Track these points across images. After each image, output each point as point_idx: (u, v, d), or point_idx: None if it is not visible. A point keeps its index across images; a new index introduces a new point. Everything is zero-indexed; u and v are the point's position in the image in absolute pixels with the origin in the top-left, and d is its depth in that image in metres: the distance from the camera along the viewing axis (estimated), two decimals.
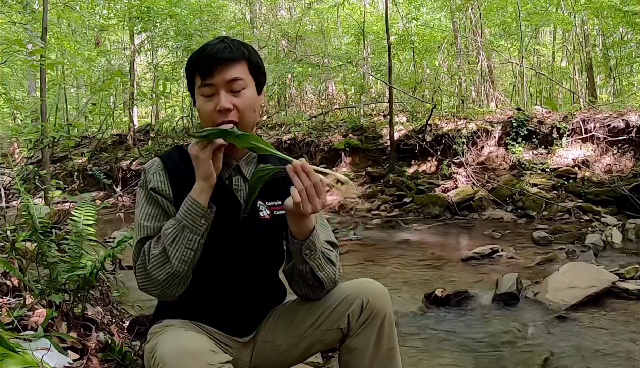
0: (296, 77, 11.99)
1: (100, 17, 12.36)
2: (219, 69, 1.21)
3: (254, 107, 1.26)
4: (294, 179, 1.11)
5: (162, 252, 1.18)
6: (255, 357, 1.36)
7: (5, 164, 6.20)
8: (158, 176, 1.28)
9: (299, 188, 1.10)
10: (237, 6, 14.60)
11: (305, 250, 1.23)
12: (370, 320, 1.27)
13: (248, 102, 1.24)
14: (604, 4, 10.31)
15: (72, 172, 10.81)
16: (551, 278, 3.27)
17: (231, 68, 1.22)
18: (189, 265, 1.20)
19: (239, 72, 1.23)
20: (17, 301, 1.90)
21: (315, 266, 1.25)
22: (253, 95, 1.26)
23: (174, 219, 1.20)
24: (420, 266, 4.30)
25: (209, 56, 1.22)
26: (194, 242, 1.18)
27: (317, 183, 1.11)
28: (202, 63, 1.22)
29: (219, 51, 1.22)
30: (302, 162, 1.11)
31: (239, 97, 1.23)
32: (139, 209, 1.28)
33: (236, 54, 1.23)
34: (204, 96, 1.24)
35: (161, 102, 13.44)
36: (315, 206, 1.12)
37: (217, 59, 1.21)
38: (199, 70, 1.23)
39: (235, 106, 1.22)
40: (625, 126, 7.40)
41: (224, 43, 1.24)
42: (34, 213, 1.89)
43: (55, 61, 4.46)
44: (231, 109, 1.22)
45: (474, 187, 7.44)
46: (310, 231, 1.22)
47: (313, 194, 1.11)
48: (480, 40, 11.40)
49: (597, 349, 2.39)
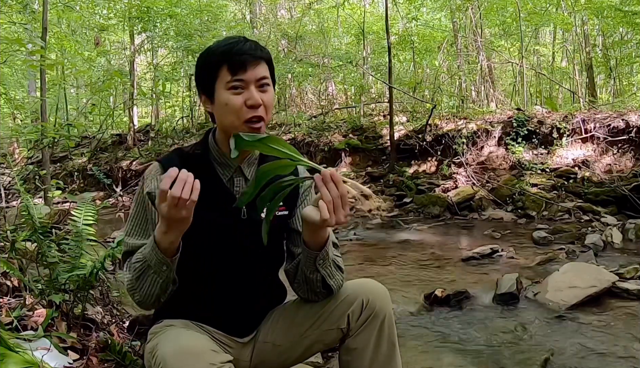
0: (296, 77, 11.98)
1: (100, 17, 12.35)
2: (252, 66, 1.23)
3: (273, 105, 1.30)
4: (322, 189, 1.07)
5: (132, 280, 1.21)
6: (256, 357, 1.36)
7: (5, 164, 6.20)
8: (155, 181, 1.28)
9: (327, 199, 1.07)
10: (237, 6, 14.59)
11: (319, 260, 1.22)
12: (370, 320, 1.27)
13: (272, 100, 1.28)
14: (604, 4, 10.31)
15: (72, 172, 10.80)
16: (551, 278, 3.27)
17: (260, 66, 1.25)
18: (155, 297, 1.21)
19: (265, 71, 1.26)
20: (17, 301, 1.90)
21: (326, 274, 1.25)
22: (274, 94, 1.30)
23: (141, 254, 1.19)
24: (420, 266, 4.30)
25: (241, 52, 1.23)
26: (158, 283, 1.18)
27: (345, 193, 1.08)
28: (236, 59, 1.22)
29: (251, 48, 1.24)
30: (332, 170, 1.08)
31: (265, 94, 1.25)
32: (129, 220, 1.30)
33: (264, 54, 1.26)
34: (233, 89, 1.23)
35: (161, 102, 13.44)
36: (340, 218, 1.09)
37: (251, 56, 1.23)
38: (231, 65, 1.23)
39: (263, 102, 1.24)
40: (625, 126, 7.39)
41: (249, 42, 1.26)
42: (34, 213, 1.89)
43: (55, 61, 4.46)
44: (262, 104, 1.24)
45: (474, 187, 7.43)
46: (325, 241, 1.21)
47: (339, 205, 1.08)
48: (480, 41, 11.40)
49: (597, 349, 2.39)
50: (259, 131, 1.24)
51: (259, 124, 1.24)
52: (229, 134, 1.25)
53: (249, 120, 1.22)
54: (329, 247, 1.22)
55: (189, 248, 1.28)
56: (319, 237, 1.19)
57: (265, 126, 1.26)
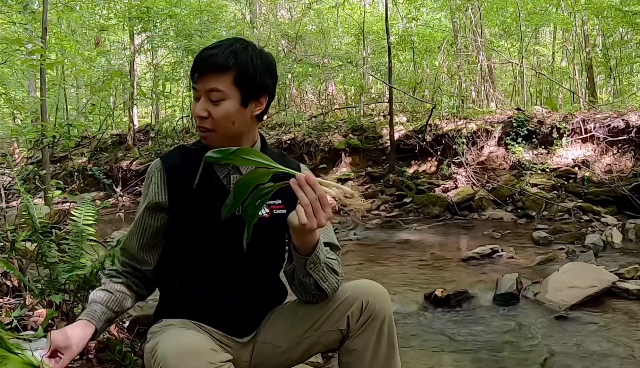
0: (296, 77, 11.98)
1: (100, 17, 12.35)
2: (203, 77, 1.23)
3: (232, 120, 1.24)
4: (299, 193, 1.07)
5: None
6: (255, 357, 1.36)
7: (5, 164, 6.20)
8: (155, 187, 1.31)
9: (304, 202, 1.07)
10: (237, 6, 14.59)
11: (309, 265, 1.22)
12: (370, 322, 1.27)
13: (223, 113, 1.23)
14: (604, 4, 10.31)
15: (72, 172, 10.80)
16: (551, 278, 3.27)
17: (212, 78, 1.22)
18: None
19: (220, 84, 1.22)
20: (17, 301, 1.90)
21: (319, 278, 1.25)
22: (232, 107, 1.23)
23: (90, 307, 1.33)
24: (420, 266, 4.30)
25: (199, 60, 1.24)
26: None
27: (323, 195, 1.08)
28: (194, 66, 1.25)
29: (205, 58, 1.23)
30: (306, 174, 1.08)
31: (215, 107, 1.23)
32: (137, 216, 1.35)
33: (221, 64, 1.21)
34: (194, 97, 1.28)
35: (161, 102, 13.43)
36: (321, 221, 1.09)
37: (204, 67, 1.23)
38: (191, 72, 1.26)
39: (211, 114, 1.24)
40: (625, 126, 7.39)
41: (217, 49, 1.23)
42: (34, 213, 1.89)
43: (55, 61, 4.46)
44: (206, 117, 1.24)
45: (474, 187, 7.43)
46: (315, 245, 1.20)
47: (318, 207, 1.08)
48: (480, 41, 11.40)
49: (597, 349, 2.39)
50: (207, 140, 1.27)
51: (205, 133, 1.26)
52: None
53: (199, 128, 1.27)
54: (320, 251, 1.21)
55: (188, 244, 1.28)
56: (306, 241, 1.18)
57: (220, 137, 1.25)
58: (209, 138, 1.27)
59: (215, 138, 1.26)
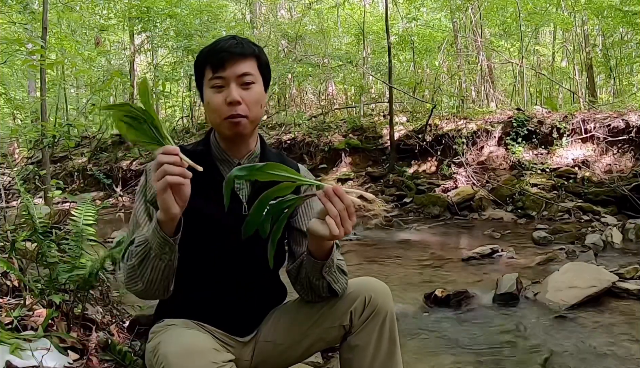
0: (296, 77, 11.98)
1: (100, 17, 12.35)
2: (231, 63, 1.24)
3: (261, 103, 1.29)
4: (327, 205, 1.06)
5: (133, 266, 1.16)
6: (257, 356, 1.36)
7: (5, 164, 6.20)
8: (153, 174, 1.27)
9: (333, 214, 1.05)
10: (237, 6, 14.59)
11: (325, 268, 1.22)
12: (372, 317, 1.27)
13: (256, 96, 1.27)
14: (604, 4, 10.31)
15: (72, 172, 10.80)
16: (551, 278, 3.27)
17: (242, 63, 1.25)
18: (159, 283, 1.17)
19: (249, 68, 1.26)
20: (17, 301, 1.90)
21: (331, 280, 1.25)
22: (261, 91, 1.29)
23: (143, 237, 1.15)
24: (420, 266, 4.30)
25: (221, 50, 1.24)
26: (160, 268, 1.15)
27: (350, 205, 1.06)
28: (215, 56, 1.24)
29: (232, 46, 1.25)
30: (334, 186, 1.07)
31: (247, 91, 1.25)
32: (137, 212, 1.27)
33: (247, 50, 1.26)
34: (215, 87, 1.25)
35: (161, 102, 13.43)
36: (348, 229, 1.08)
37: (230, 53, 1.24)
38: (211, 63, 1.25)
39: (244, 99, 1.24)
40: (625, 126, 7.40)
41: (235, 40, 1.27)
42: (34, 213, 1.89)
43: (55, 61, 4.45)
44: (241, 102, 1.24)
45: (474, 187, 7.43)
46: (331, 250, 1.20)
47: (346, 217, 1.07)
48: (480, 41, 11.40)
49: (597, 349, 2.38)
50: (239, 127, 1.25)
51: (237, 120, 1.24)
52: (220, 131, 1.30)
53: (228, 117, 1.24)
54: (334, 254, 1.23)
55: (190, 244, 1.28)
56: (325, 248, 1.19)
57: (250, 123, 1.27)
58: (242, 124, 1.25)
59: (247, 124, 1.26)
